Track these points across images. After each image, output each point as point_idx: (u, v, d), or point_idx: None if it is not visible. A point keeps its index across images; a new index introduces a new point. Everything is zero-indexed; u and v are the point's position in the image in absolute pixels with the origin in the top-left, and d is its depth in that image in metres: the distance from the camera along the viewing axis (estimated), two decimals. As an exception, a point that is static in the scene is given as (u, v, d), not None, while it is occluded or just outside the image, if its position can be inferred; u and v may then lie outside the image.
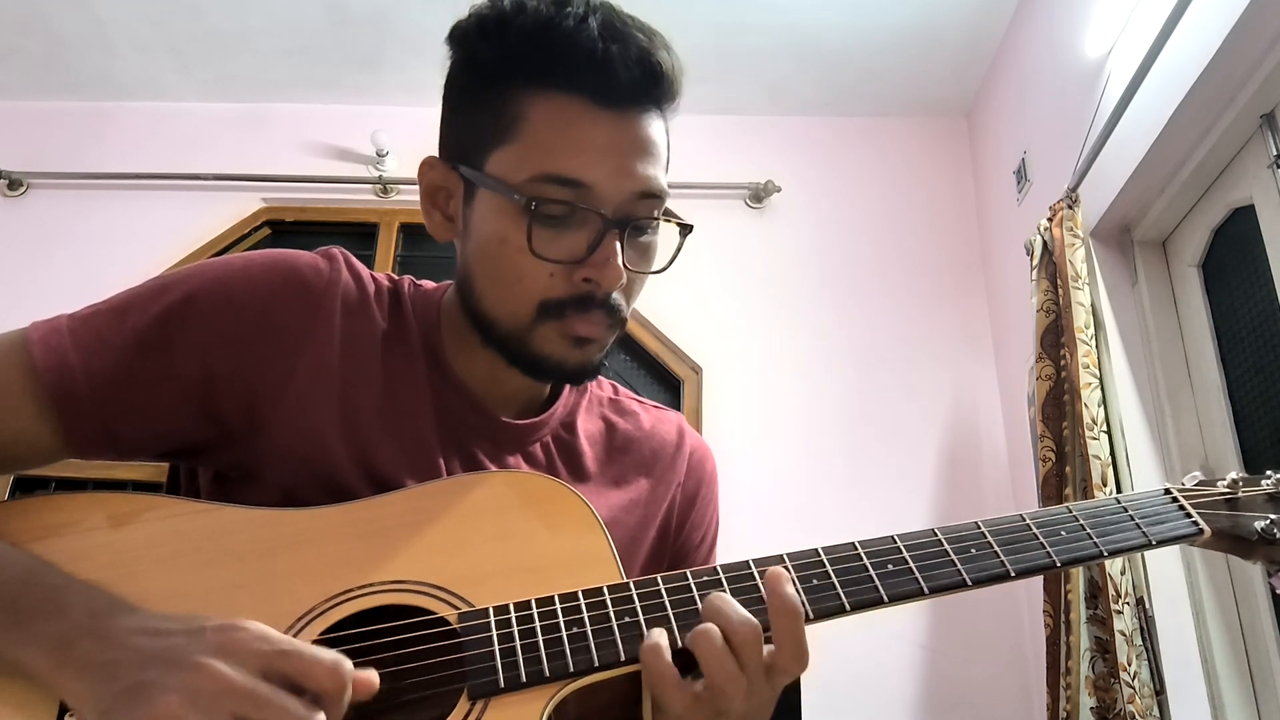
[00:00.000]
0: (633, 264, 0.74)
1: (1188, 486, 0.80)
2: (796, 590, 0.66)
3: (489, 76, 0.74)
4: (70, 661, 0.56)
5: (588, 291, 0.73)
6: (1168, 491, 0.79)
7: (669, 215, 0.77)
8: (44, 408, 0.69)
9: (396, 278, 0.84)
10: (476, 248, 0.75)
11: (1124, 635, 1.70)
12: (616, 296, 0.74)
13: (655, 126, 0.75)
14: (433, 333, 0.81)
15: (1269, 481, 0.80)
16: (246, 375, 0.72)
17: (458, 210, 0.78)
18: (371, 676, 0.57)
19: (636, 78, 0.72)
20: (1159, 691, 1.72)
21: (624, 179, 0.72)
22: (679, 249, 0.78)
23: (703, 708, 0.62)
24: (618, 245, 0.72)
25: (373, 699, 0.57)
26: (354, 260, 0.81)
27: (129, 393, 0.70)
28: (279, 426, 0.73)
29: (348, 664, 0.56)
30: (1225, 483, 0.80)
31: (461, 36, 0.76)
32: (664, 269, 0.78)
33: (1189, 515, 0.77)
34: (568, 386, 0.87)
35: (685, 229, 0.78)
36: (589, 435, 0.87)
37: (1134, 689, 1.67)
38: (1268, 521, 0.76)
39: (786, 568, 0.69)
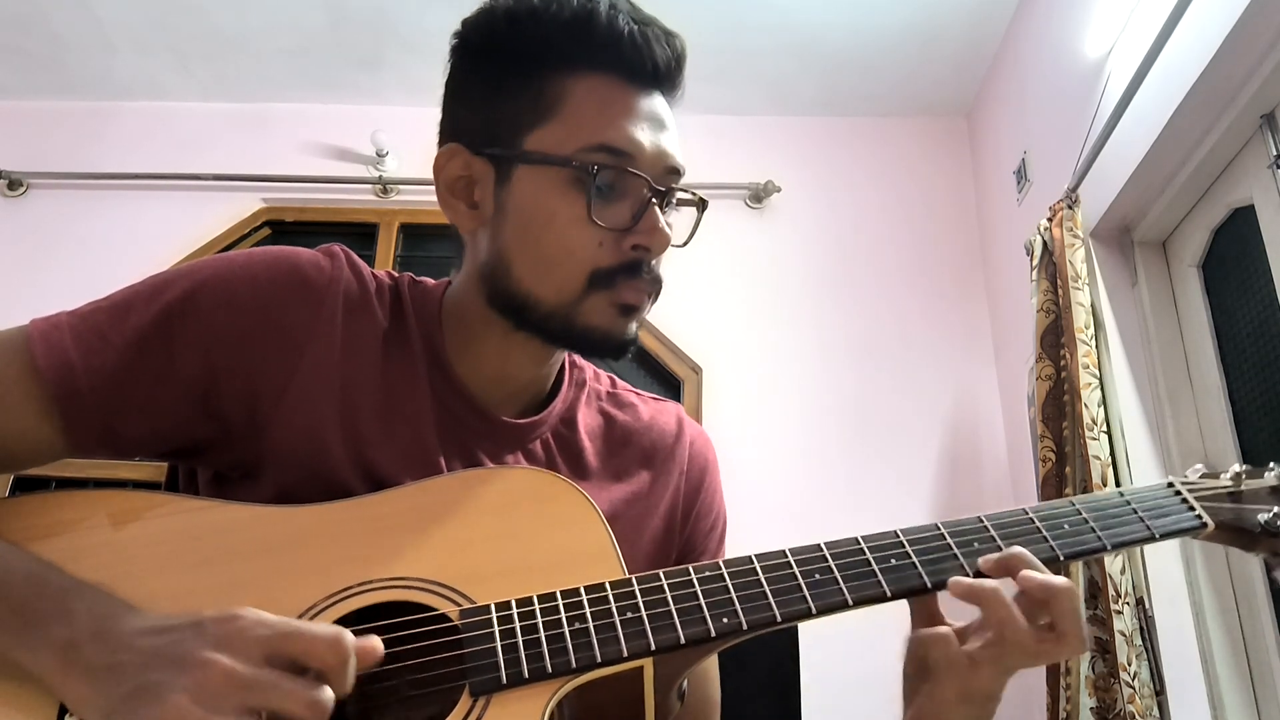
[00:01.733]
0: None
1: (1190, 479, 0.80)
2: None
3: (520, 63, 0.76)
4: (76, 665, 0.56)
5: (636, 258, 0.75)
6: (1170, 484, 0.79)
7: (682, 194, 0.80)
8: (45, 406, 0.68)
9: (396, 275, 0.84)
10: (517, 227, 0.76)
11: (1124, 635, 1.70)
12: (656, 263, 0.77)
13: (670, 108, 0.79)
14: (433, 331, 0.81)
15: (1272, 474, 0.80)
16: (248, 374, 0.72)
17: (486, 196, 0.78)
18: (375, 643, 0.58)
19: (669, 57, 0.77)
20: (1159, 691, 1.72)
21: (658, 152, 0.76)
22: (697, 224, 0.83)
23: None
24: (660, 212, 0.76)
25: (374, 695, 0.57)
26: (355, 258, 0.81)
27: (130, 390, 0.70)
28: (280, 426, 0.72)
29: (348, 635, 0.56)
30: (1228, 475, 0.80)
31: (481, 28, 0.78)
32: (686, 242, 0.81)
33: (1192, 508, 0.77)
34: (566, 383, 0.87)
35: (702, 205, 0.83)
36: (589, 430, 0.87)
37: (1134, 689, 1.67)
38: (1271, 514, 0.76)
39: (789, 562, 0.69)
